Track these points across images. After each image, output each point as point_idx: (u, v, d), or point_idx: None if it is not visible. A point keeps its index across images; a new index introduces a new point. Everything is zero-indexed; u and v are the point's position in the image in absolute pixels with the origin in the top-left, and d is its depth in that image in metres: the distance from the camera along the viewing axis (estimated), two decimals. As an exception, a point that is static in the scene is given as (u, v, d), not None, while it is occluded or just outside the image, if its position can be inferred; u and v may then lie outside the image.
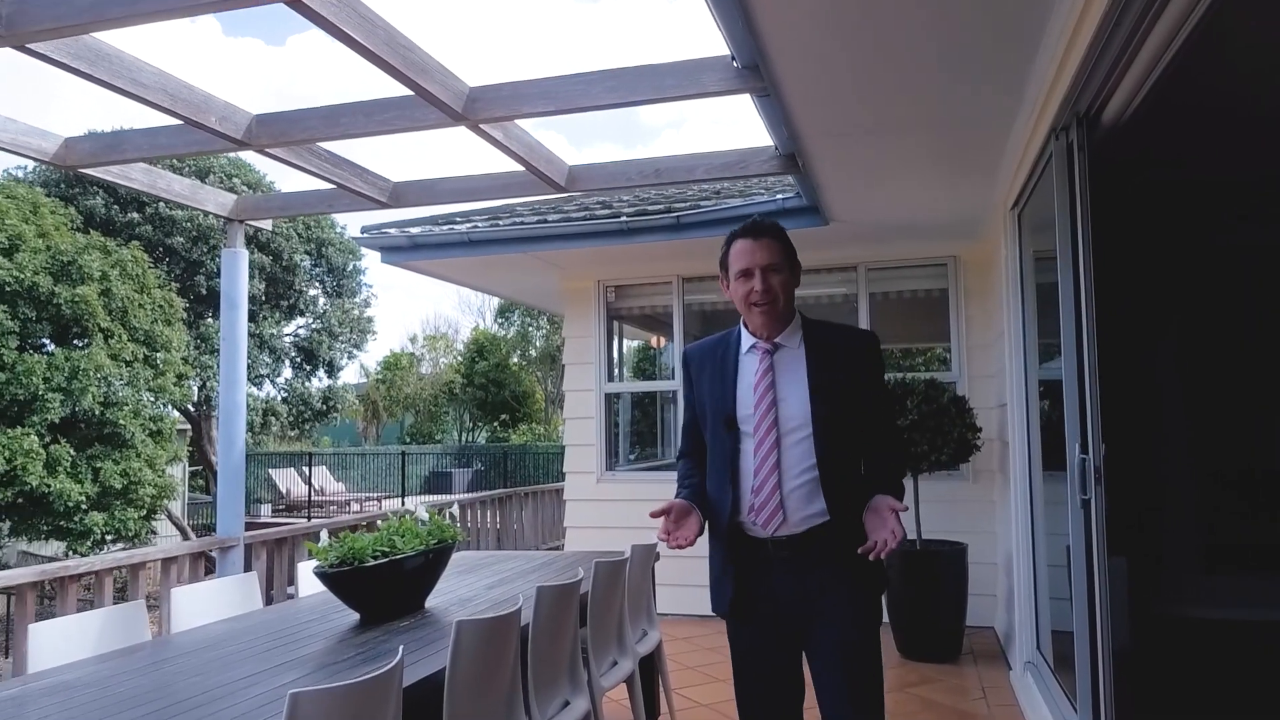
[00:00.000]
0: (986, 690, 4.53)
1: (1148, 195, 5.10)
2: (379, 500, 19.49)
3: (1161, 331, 5.57)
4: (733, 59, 3.22)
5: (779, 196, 5.43)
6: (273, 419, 19.38)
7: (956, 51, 2.98)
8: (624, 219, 5.80)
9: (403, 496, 20.26)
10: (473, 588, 3.61)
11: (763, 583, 2.24)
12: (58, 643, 2.63)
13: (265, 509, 18.66)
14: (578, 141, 56.74)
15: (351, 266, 19.95)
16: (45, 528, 11.22)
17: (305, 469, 19.60)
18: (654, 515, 2.24)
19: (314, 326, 19.67)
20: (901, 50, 2.98)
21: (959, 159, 4.21)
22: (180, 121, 3.74)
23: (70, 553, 11.71)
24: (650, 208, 5.90)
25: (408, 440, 29.83)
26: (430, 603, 3.26)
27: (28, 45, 2.97)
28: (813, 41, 2.91)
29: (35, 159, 4.20)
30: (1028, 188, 3.97)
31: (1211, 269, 5.43)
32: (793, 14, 2.71)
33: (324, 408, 20.37)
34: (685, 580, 6.09)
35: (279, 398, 19.61)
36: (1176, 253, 5.46)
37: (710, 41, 3.15)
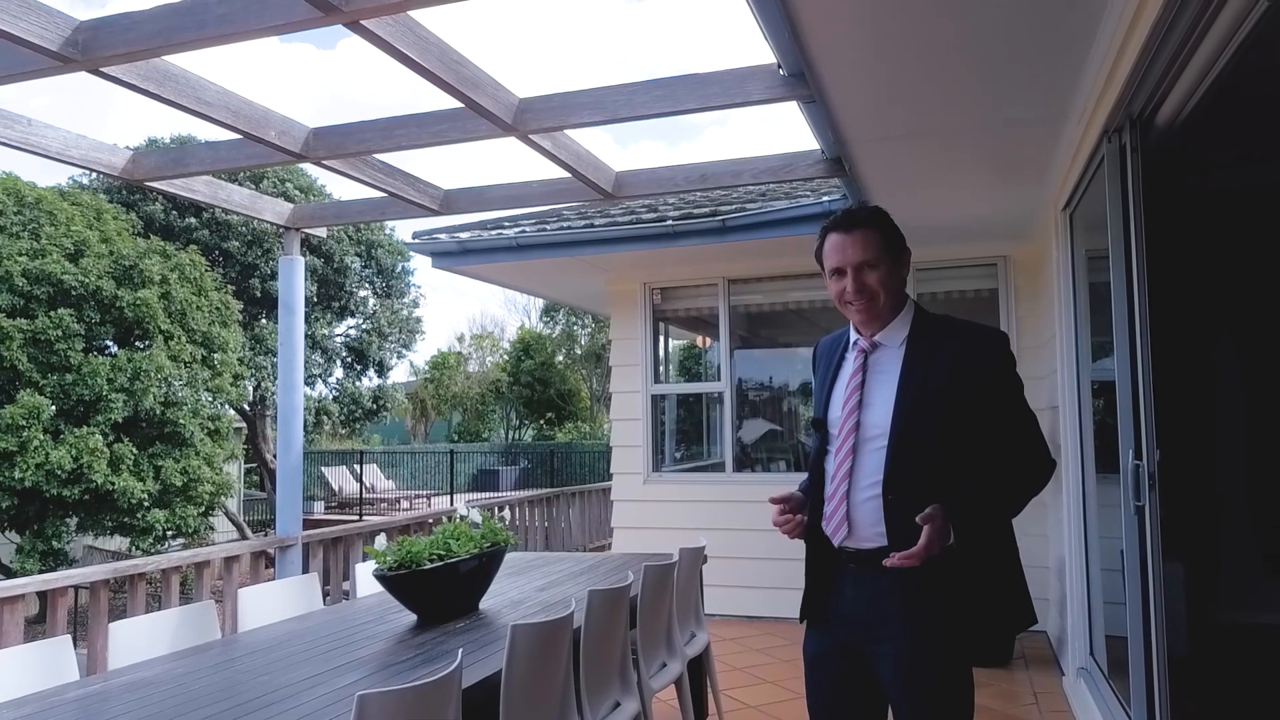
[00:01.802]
0: (1038, 696, 4.48)
1: (1205, 194, 4.98)
2: (428, 498, 19.80)
3: (1222, 332, 5.44)
4: (779, 67, 3.23)
5: (825, 199, 5.42)
6: (325, 418, 19.78)
7: (1004, 56, 2.96)
8: (669, 222, 5.83)
9: (451, 494, 20.53)
10: (523, 590, 3.68)
11: (831, 591, 2.13)
12: (135, 640, 2.76)
13: (318, 506, 19.06)
14: (623, 140, 56.96)
15: (400, 268, 20.27)
16: (110, 524, 11.61)
17: (357, 467, 19.98)
18: (773, 501, 2.14)
19: (364, 327, 20.04)
20: (948, 56, 2.97)
21: (1007, 162, 4.17)
22: (241, 136, 3.88)
23: (133, 548, 12.11)
24: (696, 211, 5.92)
25: (455, 438, 30.22)
26: (484, 604, 3.34)
27: (101, 69, 3.11)
28: (859, 51, 2.92)
29: (105, 173, 4.37)
30: (1079, 189, 3.91)
31: (1275, 268, 5.28)
32: (838, 24, 2.73)
33: (374, 406, 20.75)
34: (733, 581, 6.14)
35: (330, 397, 20.01)
36: (1238, 252, 5.32)
37: (751, 35, 3.16)
